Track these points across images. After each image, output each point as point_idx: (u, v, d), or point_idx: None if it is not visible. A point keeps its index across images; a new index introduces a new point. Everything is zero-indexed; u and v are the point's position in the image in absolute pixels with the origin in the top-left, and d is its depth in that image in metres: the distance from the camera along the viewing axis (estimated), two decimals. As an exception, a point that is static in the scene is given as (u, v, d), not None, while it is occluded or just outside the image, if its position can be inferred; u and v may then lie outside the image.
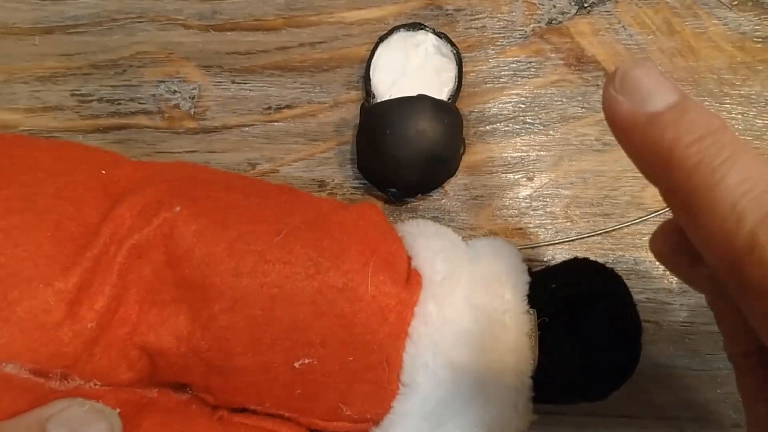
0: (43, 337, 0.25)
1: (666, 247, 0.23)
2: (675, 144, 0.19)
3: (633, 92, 0.20)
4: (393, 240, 0.31)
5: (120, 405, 0.27)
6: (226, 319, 0.27)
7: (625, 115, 0.20)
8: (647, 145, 0.20)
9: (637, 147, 0.20)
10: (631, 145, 0.20)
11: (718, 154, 0.18)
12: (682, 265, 0.23)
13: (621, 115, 0.20)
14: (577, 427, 0.36)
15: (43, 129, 0.39)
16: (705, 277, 0.23)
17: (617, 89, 0.20)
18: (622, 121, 0.20)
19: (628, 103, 0.20)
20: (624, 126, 0.20)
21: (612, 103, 0.20)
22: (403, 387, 0.29)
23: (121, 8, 0.40)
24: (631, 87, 0.20)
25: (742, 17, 0.39)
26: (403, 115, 0.34)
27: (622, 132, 0.20)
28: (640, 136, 0.20)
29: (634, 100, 0.20)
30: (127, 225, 0.27)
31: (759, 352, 0.23)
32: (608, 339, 0.30)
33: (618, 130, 0.21)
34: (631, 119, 0.20)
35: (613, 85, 0.21)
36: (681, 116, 0.19)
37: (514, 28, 0.40)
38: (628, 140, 0.20)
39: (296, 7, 0.40)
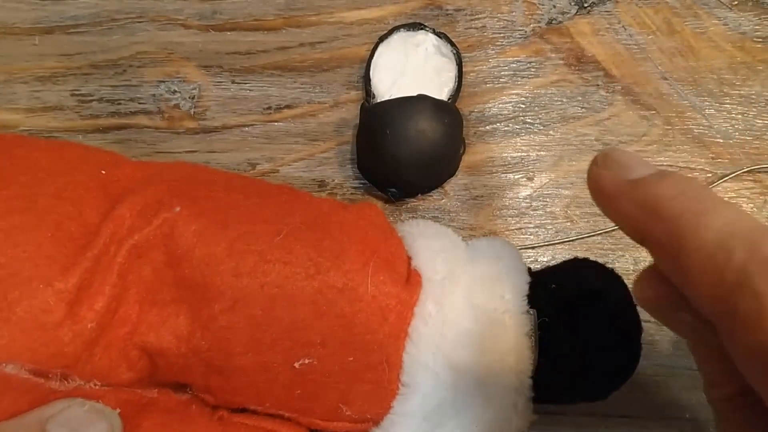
0: (43, 337, 0.25)
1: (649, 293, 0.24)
2: (658, 198, 0.20)
3: (615, 166, 0.22)
4: (393, 240, 0.31)
5: (120, 405, 0.27)
6: (226, 319, 0.27)
7: (609, 184, 0.22)
8: (632, 206, 0.21)
9: (623, 209, 0.22)
10: (618, 209, 0.22)
11: (700, 203, 0.19)
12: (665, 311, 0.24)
13: (606, 185, 0.22)
14: (577, 427, 0.36)
15: (43, 129, 0.39)
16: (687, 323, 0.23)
17: (600, 166, 0.22)
18: (608, 191, 0.22)
19: (611, 176, 0.22)
20: (609, 194, 0.22)
21: (597, 178, 0.22)
22: (403, 387, 0.29)
23: (121, 8, 0.40)
24: (613, 162, 0.22)
25: (742, 17, 0.39)
26: (403, 115, 0.34)
27: (608, 200, 0.22)
28: (625, 199, 0.21)
29: (616, 172, 0.22)
30: (127, 225, 0.27)
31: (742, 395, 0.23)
32: (608, 339, 0.30)
33: (604, 199, 0.22)
34: (615, 188, 0.22)
35: (597, 164, 0.23)
36: (661, 179, 0.21)
37: (514, 28, 0.40)
38: (614, 206, 0.22)
39: (296, 7, 0.40)
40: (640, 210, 0.21)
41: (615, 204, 0.22)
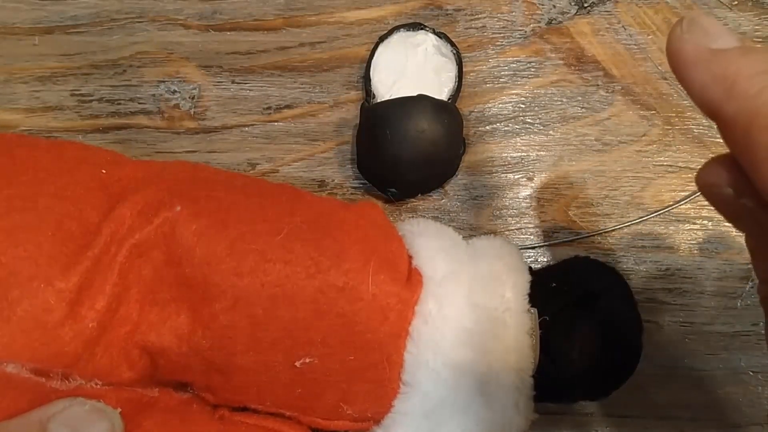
0: (44, 337, 0.25)
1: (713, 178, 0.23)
2: (738, 74, 0.20)
3: (699, 33, 0.21)
4: (393, 239, 0.31)
5: (121, 404, 0.27)
6: (227, 318, 0.27)
7: (690, 51, 0.21)
8: (710, 77, 0.21)
9: (700, 80, 0.21)
10: (695, 77, 0.21)
11: None
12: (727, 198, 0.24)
13: (686, 51, 0.21)
14: (577, 427, 0.36)
15: (43, 129, 0.39)
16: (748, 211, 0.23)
17: (684, 30, 0.21)
18: (687, 57, 0.21)
19: (694, 41, 0.21)
20: (688, 61, 0.21)
21: (677, 41, 0.21)
22: (403, 386, 0.29)
23: (121, 8, 0.40)
24: (697, 29, 0.21)
25: (742, 17, 0.39)
26: (403, 115, 0.34)
27: (685, 66, 0.21)
28: (703, 69, 0.21)
29: (699, 39, 0.21)
30: (127, 224, 0.27)
31: None
32: (609, 338, 0.30)
33: (681, 65, 0.21)
34: (695, 54, 0.21)
35: (681, 26, 0.22)
36: (744, 54, 0.20)
37: (514, 28, 0.40)
38: (690, 74, 0.21)
39: (296, 7, 0.40)
40: (718, 83, 0.20)
41: (692, 72, 0.21)
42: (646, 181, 0.38)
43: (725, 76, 0.20)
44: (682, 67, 0.22)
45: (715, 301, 0.37)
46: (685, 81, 0.22)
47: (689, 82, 0.21)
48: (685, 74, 0.22)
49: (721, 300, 0.37)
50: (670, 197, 0.38)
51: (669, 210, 0.37)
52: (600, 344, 0.30)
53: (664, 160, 0.38)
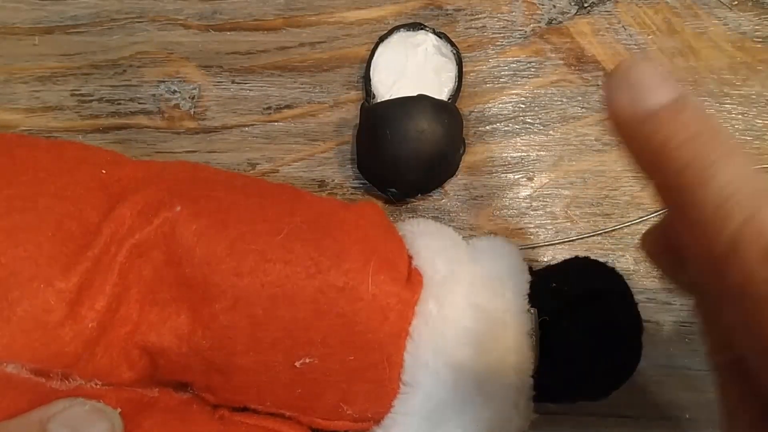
0: (44, 337, 0.25)
1: (655, 246, 0.23)
2: (668, 141, 0.19)
3: (633, 88, 0.20)
4: (394, 239, 0.31)
5: (121, 404, 0.27)
6: (227, 319, 0.27)
7: (623, 110, 0.20)
8: (642, 142, 0.19)
9: (633, 142, 0.20)
10: (628, 140, 0.20)
11: (709, 155, 0.18)
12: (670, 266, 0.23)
13: (619, 109, 0.20)
14: (577, 427, 0.36)
15: (43, 129, 0.39)
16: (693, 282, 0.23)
17: (618, 83, 0.20)
18: (620, 116, 0.20)
19: (627, 98, 0.20)
20: (621, 121, 0.20)
21: (612, 97, 0.20)
22: (404, 386, 0.29)
23: (121, 8, 0.40)
24: (631, 82, 0.20)
25: (742, 17, 0.39)
26: (403, 115, 0.34)
27: (620, 126, 0.20)
28: (636, 132, 0.20)
29: (633, 95, 0.20)
30: (127, 224, 0.27)
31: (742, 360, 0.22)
32: (609, 338, 0.30)
33: (616, 124, 0.20)
34: (628, 115, 0.20)
35: (615, 79, 0.20)
36: (677, 115, 0.19)
37: (514, 28, 0.40)
38: (624, 135, 0.20)
39: (296, 7, 0.40)
40: (649, 149, 0.19)
41: (625, 132, 0.20)
42: (646, 181, 0.38)
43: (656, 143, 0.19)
44: (617, 126, 0.20)
45: (715, 301, 0.37)
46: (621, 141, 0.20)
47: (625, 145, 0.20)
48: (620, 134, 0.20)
49: (721, 300, 0.37)
50: (670, 197, 0.38)
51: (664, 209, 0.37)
52: (600, 344, 0.30)
53: (664, 160, 0.38)
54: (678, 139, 0.19)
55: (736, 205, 0.17)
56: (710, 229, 0.17)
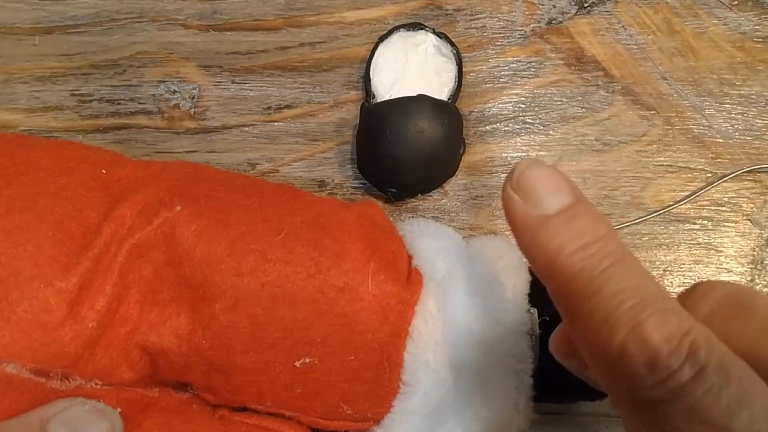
0: (44, 337, 0.25)
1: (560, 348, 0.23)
2: (560, 251, 0.19)
3: (527, 192, 0.20)
4: (394, 239, 0.31)
5: (121, 404, 0.27)
6: (227, 319, 0.27)
7: (518, 215, 0.20)
8: (536, 248, 0.20)
9: (528, 248, 0.20)
10: (523, 244, 0.20)
11: (599, 264, 0.18)
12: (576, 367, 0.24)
13: (515, 214, 0.20)
14: (577, 427, 0.36)
15: (43, 129, 0.39)
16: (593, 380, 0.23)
17: (514, 188, 0.20)
18: (516, 223, 0.20)
19: (522, 204, 0.20)
20: (517, 225, 0.20)
21: (507, 201, 0.20)
22: (404, 386, 0.29)
23: (121, 8, 0.40)
24: (526, 187, 0.20)
25: (742, 17, 0.39)
26: (403, 115, 0.34)
27: (515, 231, 0.20)
28: (530, 238, 0.20)
29: (528, 200, 0.20)
30: (127, 225, 0.27)
31: None
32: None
33: (512, 228, 0.20)
34: (523, 220, 0.20)
35: (511, 183, 0.20)
36: (569, 222, 0.19)
37: (514, 28, 0.40)
38: (520, 239, 0.20)
39: (296, 7, 0.40)
40: (542, 256, 0.19)
41: (520, 237, 0.20)
42: (646, 181, 0.38)
43: (548, 250, 0.19)
44: (513, 230, 0.20)
45: (715, 301, 0.37)
46: (518, 245, 0.20)
47: (521, 249, 0.20)
48: (517, 240, 0.20)
49: (721, 300, 0.37)
50: (670, 197, 0.38)
51: (669, 210, 0.37)
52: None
53: (664, 160, 0.38)
54: (569, 249, 0.19)
55: (621, 317, 0.17)
56: (600, 339, 0.18)
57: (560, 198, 0.20)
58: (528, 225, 0.20)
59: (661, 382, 0.17)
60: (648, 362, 0.17)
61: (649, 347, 0.17)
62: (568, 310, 0.19)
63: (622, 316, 0.18)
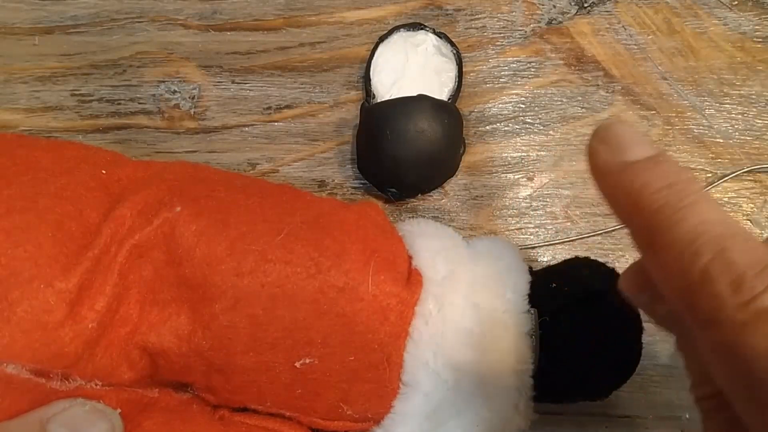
0: (44, 338, 0.25)
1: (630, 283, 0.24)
2: (644, 189, 0.20)
3: (613, 144, 0.22)
4: (394, 239, 0.31)
5: (121, 405, 0.27)
6: (227, 319, 0.27)
7: (603, 162, 0.22)
8: (619, 190, 0.21)
9: (611, 192, 0.21)
10: (606, 189, 0.22)
11: (683, 199, 0.19)
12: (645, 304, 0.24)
13: (599, 163, 0.22)
14: (577, 427, 0.36)
15: (43, 129, 0.39)
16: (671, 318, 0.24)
17: (599, 140, 0.22)
18: (600, 169, 0.22)
19: (606, 154, 0.22)
20: (601, 174, 0.22)
21: (593, 152, 0.22)
22: (404, 386, 0.29)
23: (121, 8, 0.40)
24: (611, 139, 0.22)
25: (742, 17, 0.39)
26: (403, 115, 0.34)
27: (599, 177, 0.22)
28: (614, 181, 0.21)
29: (612, 150, 0.21)
30: (127, 225, 0.27)
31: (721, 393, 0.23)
32: (609, 338, 0.30)
33: (596, 178, 0.22)
34: (607, 167, 0.21)
35: (596, 137, 0.22)
36: (654, 166, 0.21)
37: (514, 28, 0.40)
38: (603, 183, 0.22)
39: (296, 7, 0.40)
40: (626, 196, 0.21)
41: (604, 183, 0.22)
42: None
43: (632, 190, 0.20)
44: (597, 177, 0.22)
45: (715, 301, 0.37)
46: (601, 194, 0.22)
47: (603, 194, 0.22)
48: (599, 187, 0.22)
49: (721, 300, 0.37)
50: (670, 197, 0.38)
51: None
52: (600, 345, 0.30)
53: (664, 160, 0.38)
54: (654, 186, 0.20)
55: (706, 243, 0.18)
56: (682, 265, 0.19)
57: (644, 148, 0.21)
58: (612, 169, 0.21)
59: (745, 304, 0.17)
60: (732, 284, 0.18)
61: (734, 270, 0.18)
62: (649, 242, 0.20)
63: (706, 243, 0.18)
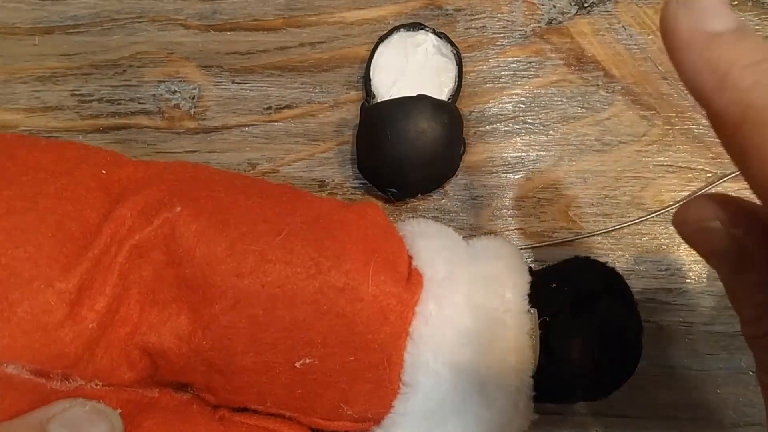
0: (44, 338, 0.25)
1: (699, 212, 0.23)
2: (732, 64, 0.19)
3: (695, 11, 0.20)
4: (394, 239, 0.31)
5: (121, 405, 0.27)
6: (227, 319, 0.27)
7: (684, 31, 0.20)
8: (703, 63, 0.20)
9: (693, 65, 0.20)
10: (687, 62, 0.20)
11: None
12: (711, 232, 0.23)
13: (680, 31, 0.20)
14: (577, 427, 0.36)
15: (43, 129, 0.39)
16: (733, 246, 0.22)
17: (680, 4, 0.20)
18: (681, 38, 0.20)
19: (688, 21, 0.20)
20: (682, 42, 0.20)
21: (672, 18, 0.20)
22: (404, 386, 0.29)
23: (121, 8, 0.40)
24: (694, 5, 0.20)
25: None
26: (403, 115, 0.34)
27: (679, 48, 0.20)
28: (697, 54, 0.20)
29: (695, 18, 0.20)
30: (127, 225, 0.27)
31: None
32: (609, 338, 0.30)
33: (674, 46, 0.20)
34: (689, 36, 0.20)
35: (676, 1, 0.20)
36: (740, 40, 0.19)
37: (514, 28, 0.40)
38: (683, 57, 0.20)
39: (296, 7, 0.40)
40: (711, 71, 0.19)
41: (685, 55, 0.20)
42: (646, 181, 0.38)
43: (718, 64, 0.19)
44: (675, 48, 0.20)
45: (715, 301, 0.37)
46: (678, 64, 0.20)
47: (681, 65, 0.20)
48: (678, 57, 0.20)
49: (721, 300, 0.37)
50: (670, 197, 0.38)
51: (669, 210, 0.37)
52: (600, 345, 0.30)
53: (664, 160, 0.38)
54: (744, 61, 0.19)
55: None
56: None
57: (729, 19, 0.20)
58: (696, 40, 0.20)
59: None
60: None
61: None
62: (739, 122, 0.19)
63: None
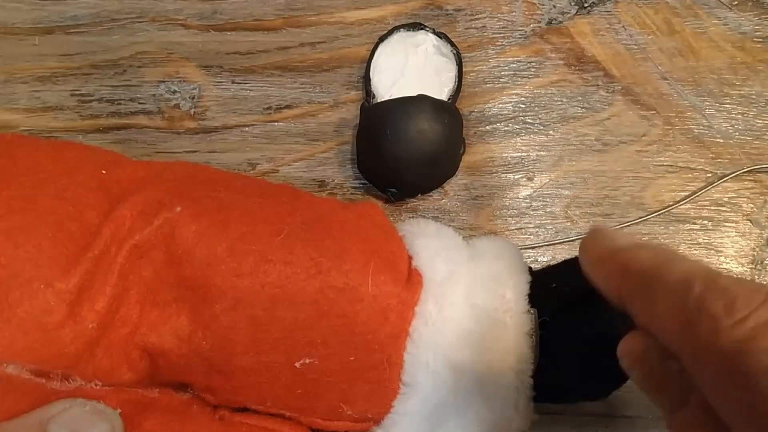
0: (44, 338, 0.25)
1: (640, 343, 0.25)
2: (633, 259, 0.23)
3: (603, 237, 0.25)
4: (394, 239, 0.31)
5: (121, 405, 0.27)
6: (227, 319, 0.27)
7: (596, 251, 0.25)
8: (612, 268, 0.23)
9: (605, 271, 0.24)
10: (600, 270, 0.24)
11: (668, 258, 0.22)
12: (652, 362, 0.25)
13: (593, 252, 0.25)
14: (577, 427, 0.36)
15: (43, 129, 0.39)
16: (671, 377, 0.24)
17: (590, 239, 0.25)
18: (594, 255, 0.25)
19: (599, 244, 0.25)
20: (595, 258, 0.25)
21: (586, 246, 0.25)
22: (404, 386, 0.29)
23: (121, 8, 0.40)
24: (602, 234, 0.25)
25: (742, 17, 0.39)
26: (403, 115, 0.34)
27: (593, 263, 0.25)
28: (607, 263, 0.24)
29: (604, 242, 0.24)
30: (127, 225, 0.27)
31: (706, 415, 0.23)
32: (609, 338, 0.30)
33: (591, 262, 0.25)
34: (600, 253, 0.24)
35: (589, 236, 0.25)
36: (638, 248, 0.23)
37: (514, 28, 0.40)
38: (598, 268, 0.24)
39: (296, 7, 0.40)
40: (619, 270, 0.23)
41: (598, 267, 0.24)
42: (646, 181, 0.38)
43: (624, 263, 0.23)
44: (592, 263, 0.25)
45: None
46: (593, 277, 0.24)
47: (595, 277, 0.24)
48: (594, 269, 0.25)
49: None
50: (670, 197, 0.38)
51: (669, 210, 0.37)
52: (600, 344, 0.30)
53: (664, 160, 0.38)
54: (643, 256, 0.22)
55: (697, 277, 0.20)
56: (676, 299, 0.20)
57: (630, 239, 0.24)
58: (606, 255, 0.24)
59: (741, 321, 0.18)
60: (726, 306, 0.19)
61: (726, 293, 0.19)
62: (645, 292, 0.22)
63: (697, 277, 0.20)
